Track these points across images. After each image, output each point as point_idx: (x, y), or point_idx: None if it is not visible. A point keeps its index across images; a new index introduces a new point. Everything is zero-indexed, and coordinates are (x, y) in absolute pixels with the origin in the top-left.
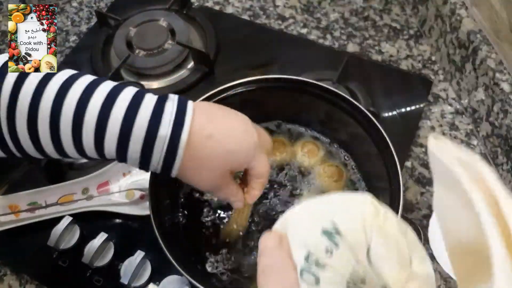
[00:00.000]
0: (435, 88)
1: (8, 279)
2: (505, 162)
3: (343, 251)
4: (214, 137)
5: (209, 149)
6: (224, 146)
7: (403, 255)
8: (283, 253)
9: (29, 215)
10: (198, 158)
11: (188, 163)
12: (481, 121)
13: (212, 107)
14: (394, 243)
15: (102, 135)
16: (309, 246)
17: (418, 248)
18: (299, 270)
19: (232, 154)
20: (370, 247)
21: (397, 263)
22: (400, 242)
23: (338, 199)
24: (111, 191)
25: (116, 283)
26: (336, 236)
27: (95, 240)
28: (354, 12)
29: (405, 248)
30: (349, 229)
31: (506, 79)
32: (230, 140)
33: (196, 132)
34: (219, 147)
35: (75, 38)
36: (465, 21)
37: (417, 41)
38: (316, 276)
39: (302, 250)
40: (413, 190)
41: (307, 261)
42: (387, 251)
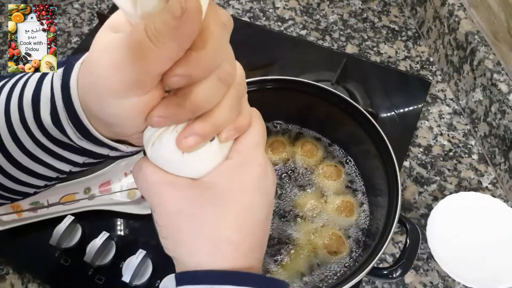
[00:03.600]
0: (433, 88)
1: (10, 278)
2: (503, 162)
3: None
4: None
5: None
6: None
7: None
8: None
9: (31, 215)
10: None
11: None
12: (479, 122)
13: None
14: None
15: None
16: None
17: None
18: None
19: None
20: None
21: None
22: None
23: None
24: (112, 191)
25: (118, 282)
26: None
27: (97, 239)
28: (353, 14)
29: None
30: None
31: (503, 80)
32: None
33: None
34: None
35: (77, 39)
36: (463, 23)
37: (416, 42)
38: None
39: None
40: (411, 189)
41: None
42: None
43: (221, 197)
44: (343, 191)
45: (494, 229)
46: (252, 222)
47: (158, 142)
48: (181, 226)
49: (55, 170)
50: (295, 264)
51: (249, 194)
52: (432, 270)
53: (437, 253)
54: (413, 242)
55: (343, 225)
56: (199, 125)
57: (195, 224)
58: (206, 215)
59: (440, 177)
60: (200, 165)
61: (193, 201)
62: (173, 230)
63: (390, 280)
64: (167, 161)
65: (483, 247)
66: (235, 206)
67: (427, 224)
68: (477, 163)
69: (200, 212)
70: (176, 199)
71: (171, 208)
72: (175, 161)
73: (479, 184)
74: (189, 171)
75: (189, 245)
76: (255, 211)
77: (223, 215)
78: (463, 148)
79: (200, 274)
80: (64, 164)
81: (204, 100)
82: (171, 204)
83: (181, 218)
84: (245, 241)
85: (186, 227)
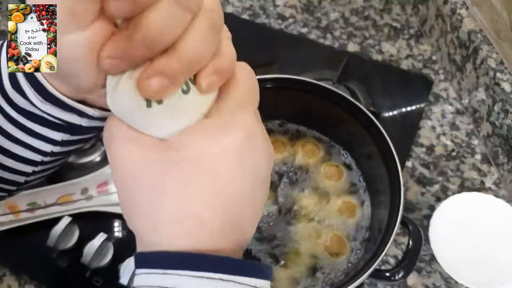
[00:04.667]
0: (436, 87)
1: (7, 280)
2: (506, 162)
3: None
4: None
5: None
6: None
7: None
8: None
9: (28, 215)
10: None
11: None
12: (481, 121)
13: None
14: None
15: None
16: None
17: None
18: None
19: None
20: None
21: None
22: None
23: None
24: (110, 191)
25: (116, 284)
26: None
27: (94, 241)
28: (355, 12)
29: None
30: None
31: (507, 79)
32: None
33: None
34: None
35: None
36: (466, 21)
37: (418, 41)
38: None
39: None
40: (414, 190)
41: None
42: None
43: (190, 163)
44: (344, 191)
45: (497, 230)
46: (228, 197)
47: (116, 90)
48: (140, 195)
49: (36, 151)
50: (295, 265)
51: (227, 163)
52: (435, 272)
53: (439, 255)
54: (415, 243)
55: (345, 226)
56: (163, 61)
57: (155, 194)
58: (169, 184)
59: (443, 177)
60: (169, 122)
61: (155, 165)
62: (131, 199)
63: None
64: (129, 113)
65: (486, 249)
66: (206, 176)
67: (429, 225)
68: (480, 163)
69: (162, 179)
70: (135, 161)
71: (127, 172)
72: (138, 114)
73: (482, 185)
74: (156, 128)
75: (148, 220)
76: (233, 185)
77: (189, 185)
78: (466, 148)
79: (153, 255)
80: (42, 142)
81: (159, 29)
82: (128, 167)
83: (139, 186)
84: (216, 219)
85: (145, 197)
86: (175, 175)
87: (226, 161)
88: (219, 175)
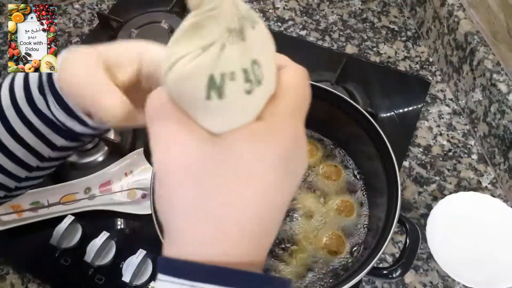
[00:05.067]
0: (433, 89)
1: (10, 278)
2: (502, 162)
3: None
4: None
5: (85, 48)
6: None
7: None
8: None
9: (31, 215)
10: (71, 56)
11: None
12: (478, 122)
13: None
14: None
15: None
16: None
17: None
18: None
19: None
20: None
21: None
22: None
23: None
24: (113, 191)
25: (118, 282)
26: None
27: (97, 239)
28: (353, 14)
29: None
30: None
31: (503, 80)
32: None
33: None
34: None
35: (77, 40)
36: (463, 23)
37: (415, 43)
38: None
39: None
40: (411, 189)
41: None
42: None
43: (241, 166)
44: (343, 191)
45: (493, 229)
46: (267, 204)
47: (179, 71)
48: (183, 188)
49: (35, 155)
50: (294, 263)
51: (274, 170)
52: (432, 270)
53: (436, 253)
54: (412, 242)
55: (343, 225)
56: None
57: (201, 190)
58: (218, 184)
59: (440, 177)
60: (225, 118)
61: (206, 160)
62: (173, 188)
63: (390, 280)
64: (186, 99)
65: (482, 247)
66: (255, 182)
67: (426, 224)
68: (476, 163)
69: (211, 178)
70: (187, 149)
71: (175, 160)
72: (195, 103)
73: (478, 184)
74: (209, 120)
75: (186, 216)
76: (275, 193)
77: (239, 190)
78: (462, 148)
79: (182, 264)
80: (44, 146)
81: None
82: (177, 158)
83: (185, 178)
84: (256, 227)
85: (187, 191)
86: (224, 174)
87: (274, 169)
88: (265, 182)
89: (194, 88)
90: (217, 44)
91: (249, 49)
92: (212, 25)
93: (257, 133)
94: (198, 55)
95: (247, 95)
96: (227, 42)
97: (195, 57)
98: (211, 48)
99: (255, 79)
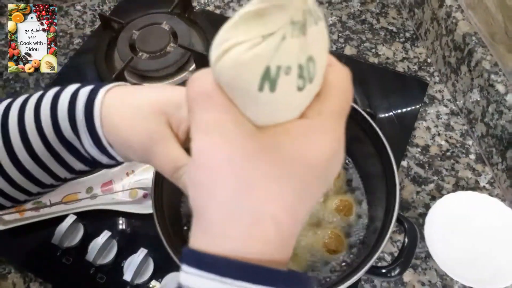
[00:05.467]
0: (431, 89)
1: (12, 277)
2: (500, 162)
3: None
4: (135, 88)
5: (131, 93)
6: (150, 88)
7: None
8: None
9: (33, 214)
10: (119, 104)
11: (109, 110)
12: (476, 122)
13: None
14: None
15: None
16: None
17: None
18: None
19: (163, 92)
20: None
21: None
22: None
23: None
24: (114, 190)
25: (119, 281)
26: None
27: (98, 238)
28: (352, 16)
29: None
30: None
31: (501, 81)
32: (156, 88)
33: (110, 95)
34: (143, 89)
35: (79, 41)
36: (461, 24)
37: (413, 44)
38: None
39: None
40: (409, 189)
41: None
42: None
43: (282, 164)
44: (341, 190)
45: (491, 228)
46: (302, 205)
47: (232, 59)
48: (223, 177)
49: (52, 176)
50: (294, 262)
51: (314, 170)
52: (430, 269)
53: (435, 252)
54: (411, 241)
55: (342, 224)
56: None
57: (241, 185)
58: (257, 180)
59: (438, 176)
60: (272, 111)
61: (249, 154)
62: (209, 177)
63: (388, 279)
64: (235, 88)
65: (480, 246)
66: (294, 181)
67: (425, 223)
68: (474, 163)
69: (252, 172)
70: (231, 141)
71: (218, 151)
72: (245, 92)
73: (476, 184)
74: (257, 112)
75: (222, 209)
76: (310, 194)
77: (278, 185)
78: (460, 148)
79: (211, 258)
80: (62, 169)
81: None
82: (220, 146)
83: (226, 168)
84: (289, 226)
85: (227, 181)
86: (265, 169)
87: (314, 169)
88: (303, 182)
89: (248, 77)
90: (278, 35)
91: (308, 45)
92: (276, 14)
93: (302, 132)
94: (258, 43)
95: (298, 91)
96: (288, 34)
97: (255, 45)
98: (271, 38)
99: (308, 76)
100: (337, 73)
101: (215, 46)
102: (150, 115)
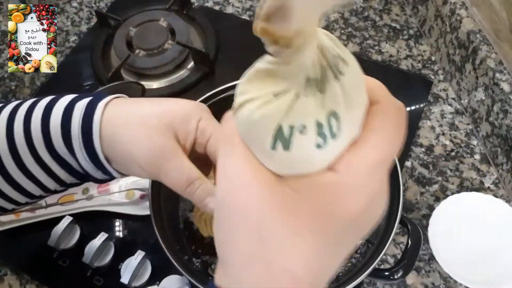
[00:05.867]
0: (435, 88)
1: (8, 279)
2: (505, 162)
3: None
4: (136, 101)
5: (132, 107)
6: (152, 101)
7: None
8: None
9: (29, 215)
10: (122, 118)
11: (109, 129)
12: (481, 121)
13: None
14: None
15: (49, 138)
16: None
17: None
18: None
19: (167, 105)
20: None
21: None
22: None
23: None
24: (111, 191)
25: (117, 283)
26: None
27: (95, 240)
28: (354, 12)
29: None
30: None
31: (506, 79)
32: (160, 101)
33: (110, 109)
34: (145, 102)
35: (75, 38)
36: (465, 21)
37: (417, 41)
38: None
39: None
40: (413, 190)
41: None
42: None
43: (300, 219)
44: None
45: (496, 229)
46: (327, 255)
47: (247, 112)
48: (238, 226)
49: (41, 188)
50: None
51: (340, 225)
52: (434, 271)
53: (438, 254)
54: (414, 243)
55: None
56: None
57: (255, 233)
58: (274, 229)
59: (442, 177)
60: (293, 165)
61: (265, 204)
62: (226, 222)
63: (391, 282)
64: (251, 141)
65: (485, 248)
66: (315, 233)
67: (428, 224)
68: (479, 163)
69: (269, 221)
70: (248, 191)
71: (234, 199)
72: (260, 148)
73: (481, 185)
74: (276, 166)
75: (239, 255)
76: (336, 245)
77: (296, 238)
78: (465, 148)
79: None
80: (53, 182)
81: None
82: (237, 195)
83: (240, 218)
84: (309, 277)
85: (241, 230)
86: (282, 222)
87: (341, 223)
88: (327, 235)
89: (260, 136)
90: (290, 93)
91: (328, 101)
92: (289, 72)
93: (328, 189)
94: (268, 102)
95: (317, 149)
96: (302, 92)
97: (265, 104)
98: (283, 97)
99: (329, 134)
100: (383, 114)
101: (236, 95)
102: (158, 129)
